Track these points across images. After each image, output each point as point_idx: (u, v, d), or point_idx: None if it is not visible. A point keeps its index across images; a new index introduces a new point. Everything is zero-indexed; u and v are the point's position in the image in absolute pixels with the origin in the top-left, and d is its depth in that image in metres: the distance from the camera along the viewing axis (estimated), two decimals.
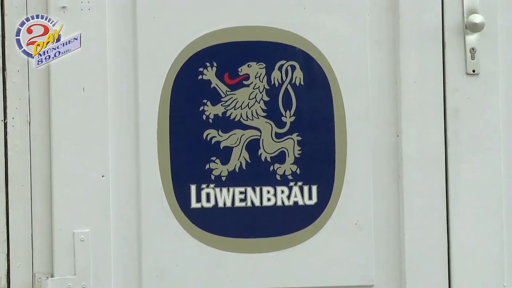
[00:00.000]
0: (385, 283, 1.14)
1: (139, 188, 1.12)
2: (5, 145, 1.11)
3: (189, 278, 1.13)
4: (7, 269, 1.11)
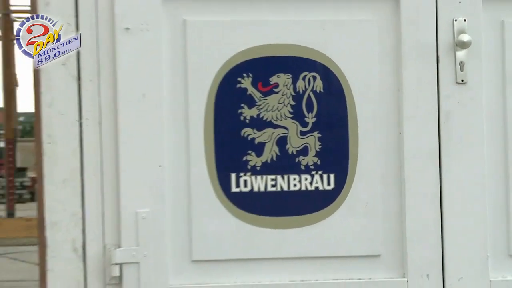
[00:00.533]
0: (390, 254, 1.39)
1: (189, 176, 1.37)
2: (80, 140, 1.36)
3: (230, 250, 1.38)
4: (83, 241, 1.36)
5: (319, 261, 1.39)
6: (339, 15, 1.40)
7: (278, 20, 1.39)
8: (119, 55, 1.35)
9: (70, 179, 1.35)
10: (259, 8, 1.39)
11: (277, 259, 1.39)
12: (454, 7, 1.38)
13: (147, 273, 1.34)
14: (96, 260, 1.36)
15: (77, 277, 1.36)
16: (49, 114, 1.35)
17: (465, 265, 1.38)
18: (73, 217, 1.36)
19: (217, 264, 1.39)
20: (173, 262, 1.37)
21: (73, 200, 1.36)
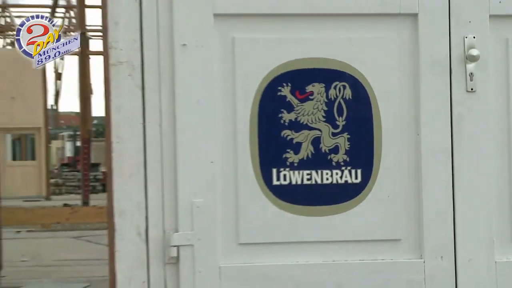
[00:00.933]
0: (409, 238, 1.61)
1: (236, 171, 1.60)
2: (144, 140, 1.59)
3: (271, 234, 1.61)
4: (146, 226, 1.59)
5: (347, 244, 1.62)
6: (365, 33, 1.62)
7: (313, 38, 1.62)
8: (177, 67, 1.57)
9: (135, 173, 1.58)
10: (297, 27, 1.61)
11: (312, 242, 1.61)
12: (464, 26, 1.60)
13: (200, 254, 1.57)
14: (156, 242, 1.58)
15: (141, 257, 1.58)
16: (117, 118, 1.58)
17: (474, 248, 1.59)
18: (137, 206, 1.58)
19: (260, 247, 1.61)
20: (223, 244, 1.59)
21: (138, 192, 1.58)
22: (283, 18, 1.62)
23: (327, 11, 1.61)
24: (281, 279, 1.58)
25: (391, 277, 1.59)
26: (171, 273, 1.58)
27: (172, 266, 1.58)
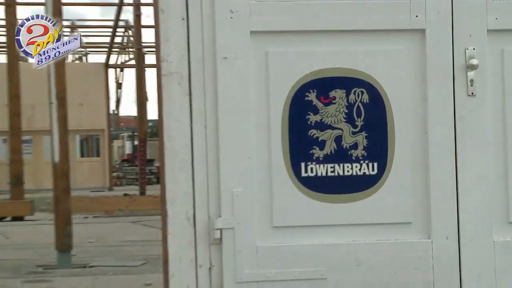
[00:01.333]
0: (418, 221, 1.88)
1: (270, 165, 1.87)
2: (191, 139, 1.87)
3: (300, 218, 1.88)
4: (193, 212, 1.86)
5: (366, 226, 1.89)
6: (380, 46, 1.89)
7: (335, 50, 1.89)
8: (219, 77, 1.85)
9: (183, 168, 1.86)
10: (321, 41, 1.88)
11: (335, 225, 1.88)
12: (465, 39, 1.86)
13: (240, 236, 1.84)
14: (202, 226, 1.86)
15: (189, 238, 1.86)
16: (168, 120, 1.86)
17: (475, 229, 1.86)
18: (186, 195, 1.86)
19: (291, 229, 1.89)
20: (259, 227, 1.87)
21: (186, 183, 1.86)
22: (309, 34, 1.89)
23: (346, 28, 1.88)
24: (309, 257, 1.86)
25: (403, 254, 1.86)
26: (215, 252, 1.86)
27: (216, 246, 1.85)
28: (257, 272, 1.85)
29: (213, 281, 1.86)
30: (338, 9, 1.89)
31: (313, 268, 1.85)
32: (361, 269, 1.87)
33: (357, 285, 1.87)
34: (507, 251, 1.88)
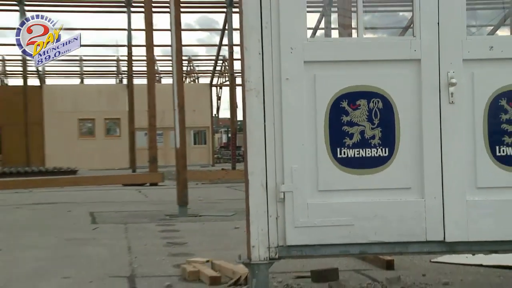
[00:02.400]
0: (415, 187, 2.81)
1: (316, 149, 2.82)
2: (264, 132, 2.84)
3: (336, 184, 2.83)
4: (266, 181, 2.82)
5: (381, 191, 2.84)
6: (390, 70, 2.84)
7: (360, 74, 2.84)
8: (283, 91, 2.81)
9: (259, 151, 2.82)
10: (350, 67, 2.84)
11: (359, 189, 2.84)
12: (448, 65, 2.79)
13: (296, 196, 2.81)
14: (271, 190, 2.83)
15: (263, 198, 2.83)
16: (250, 120, 2.83)
17: (454, 192, 2.80)
18: (261, 169, 2.83)
19: (330, 192, 2.84)
20: (309, 191, 2.83)
21: (260, 161, 2.83)
22: (343, 62, 2.85)
23: (368, 58, 2.83)
24: (342, 210, 2.81)
25: (406, 209, 2.81)
26: (280, 207, 2.82)
27: (280, 203, 2.82)
28: (307, 220, 2.81)
29: (279, 226, 2.82)
30: (362, 45, 2.85)
31: (344, 218, 2.81)
32: (376, 218, 2.82)
33: (374, 230, 2.82)
34: (475, 207, 2.81)
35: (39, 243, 5.47)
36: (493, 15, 2.92)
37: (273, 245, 2.83)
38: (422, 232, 2.82)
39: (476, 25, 2.67)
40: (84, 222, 7.28)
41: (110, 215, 7.87)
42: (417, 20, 2.82)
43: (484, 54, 2.83)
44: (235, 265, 3.28)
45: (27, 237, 5.88)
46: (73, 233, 6.15)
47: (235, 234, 5.25)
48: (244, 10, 2.82)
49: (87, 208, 8.73)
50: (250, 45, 2.82)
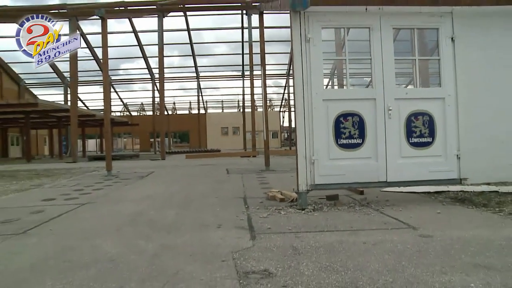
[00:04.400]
0: (374, 156, 6.19)
1: (328, 139, 6.17)
2: (304, 131, 6.15)
3: (339, 156, 6.18)
4: (305, 154, 6.13)
5: (358, 159, 6.20)
6: (362, 103, 6.21)
7: (351, 103, 6.20)
8: (313, 114, 6.12)
9: (302, 140, 6.13)
10: (348, 99, 6.19)
11: (346, 158, 6.21)
12: (388, 101, 6.20)
13: (319, 161, 6.13)
14: (308, 158, 6.12)
15: (304, 162, 6.12)
16: (298, 126, 6.13)
17: (391, 159, 6.20)
18: (304, 149, 6.15)
19: (335, 160, 6.19)
20: (325, 159, 6.19)
21: (303, 144, 6.13)
22: (341, 100, 6.20)
23: (352, 97, 6.20)
24: (341, 168, 6.15)
25: (369, 167, 6.20)
26: (311, 166, 6.14)
27: (312, 164, 6.14)
28: (324, 172, 6.15)
29: (311, 175, 6.14)
30: (349, 92, 6.24)
31: (341, 171, 6.16)
32: (355, 171, 6.20)
33: (354, 176, 6.19)
34: (400, 165, 6.25)
35: (203, 182, 10.49)
36: None
37: (308, 183, 6.14)
38: (376, 177, 6.20)
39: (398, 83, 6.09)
40: (223, 173, 13.24)
41: (235, 170, 14.27)
42: (374, 80, 6.21)
43: (403, 96, 6.25)
44: (291, 192, 6.61)
45: (198, 180, 11.31)
46: (218, 178, 11.60)
47: (291, 179, 8.52)
48: (295, 73, 6.10)
49: (225, 167, 16.08)
50: (297, 91, 6.10)
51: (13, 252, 4.08)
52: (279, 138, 56.27)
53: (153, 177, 12.50)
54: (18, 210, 6.70)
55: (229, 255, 3.65)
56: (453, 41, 6.25)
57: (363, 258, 3.48)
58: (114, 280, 3.13)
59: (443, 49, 6.26)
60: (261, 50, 14.49)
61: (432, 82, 7.13)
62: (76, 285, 3.07)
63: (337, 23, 6.38)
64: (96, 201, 7.59)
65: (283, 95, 52.59)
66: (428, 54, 7.03)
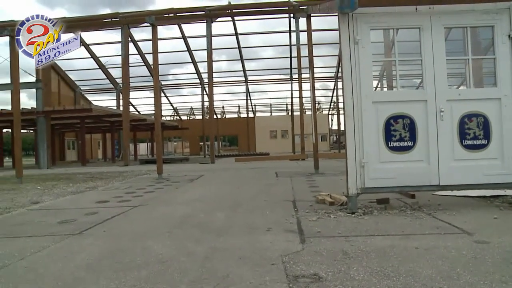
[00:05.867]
0: (425, 159, 6.05)
1: (379, 142, 6.07)
2: (354, 134, 6.09)
3: (390, 159, 6.07)
4: (355, 157, 6.08)
5: (409, 162, 6.07)
6: (413, 104, 6.09)
7: (398, 107, 6.09)
8: (363, 117, 6.05)
9: (351, 143, 6.07)
10: (394, 103, 6.08)
11: (398, 161, 6.09)
12: (440, 102, 6.04)
13: (369, 164, 6.05)
14: (358, 161, 6.06)
15: (354, 165, 6.06)
16: (348, 129, 6.08)
17: (443, 161, 6.03)
18: (354, 152, 6.09)
19: (385, 162, 6.10)
20: (375, 162, 6.07)
21: (353, 147, 6.07)
22: (391, 102, 6.09)
23: (402, 99, 6.08)
24: (391, 171, 6.04)
25: (421, 170, 6.05)
26: (361, 170, 6.06)
27: (362, 168, 6.10)
28: (375, 175, 6.06)
29: (361, 178, 6.07)
30: (398, 94, 6.12)
31: (392, 174, 6.05)
32: (407, 174, 6.06)
33: (406, 179, 6.07)
34: (453, 168, 6.07)
35: (253, 185, 10.72)
36: None
37: (358, 187, 6.07)
38: (428, 180, 6.05)
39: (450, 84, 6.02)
40: (272, 176, 13.44)
41: (284, 173, 14.53)
42: (424, 81, 6.07)
43: (456, 97, 6.07)
44: (341, 196, 6.56)
45: (248, 182, 11.72)
46: (267, 181, 11.77)
47: (341, 182, 8.71)
48: (344, 75, 6.06)
49: (274, 170, 16.41)
50: (347, 94, 6.05)
51: (71, 251, 4.26)
52: (328, 141, 57.00)
53: (202, 180, 12.73)
54: (74, 211, 7.03)
55: (279, 259, 3.67)
56: (510, 38, 6.00)
57: (415, 263, 3.41)
58: (165, 281, 3.21)
59: (498, 47, 6.04)
60: (309, 53, 14.49)
61: (486, 82, 6.88)
62: (129, 285, 3.16)
63: (386, 24, 6.28)
64: (148, 203, 7.82)
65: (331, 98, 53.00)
66: (481, 53, 6.80)
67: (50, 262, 3.88)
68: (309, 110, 36.11)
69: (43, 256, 4.13)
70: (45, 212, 7.16)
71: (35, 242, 4.75)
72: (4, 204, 8.48)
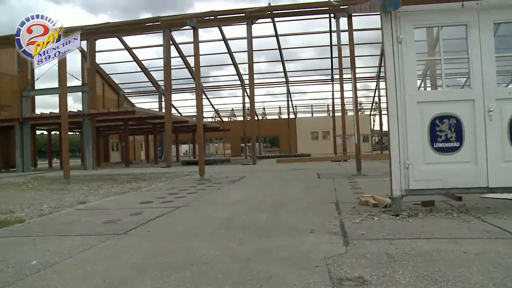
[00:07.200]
0: (473, 160, 5.86)
1: (423, 142, 5.92)
2: (398, 137, 5.97)
3: (434, 160, 5.92)
4: (399, 158, 5.96)
5: (455, 163, 5.89)
6: (459, 104, 5.91)
7: (444, 107, 5.93)
8: (407, 116, 5.92)
9: (395, 144, 5.96)
10: (439, 103, 5.93)
11: (445, 163, 5.92)
12: (488, 102, 5.85)
13: (414, 166, 5.92)
14: (402, 163, 5.92)
15: (398, 167, 5.93)
16: (391, 129, 5.97)
17: (492, 163, 5.82)
18: (397, 153, 5.96)
19: (430, 164, 5.93)
20: (420, 163, 5.93)
21: (397, 148, 5.95)
22: (436, 101, 5.94)
23: (447, 99, 5.92)
24: (437, 173, 5.88)
25: (468, 171, 5.87)
26: (406, 171, 5.93)
27: (406, 169, 5.92)
28: (420, 177, 5.92)
29: (405, 180, 5.94)
30: (444, 93, 5.96)
31: (437, 176, 5.90)
32: (453, 175, 5.89)
33: (452, 181, 5.89)
34: (503, 170, 5.85)
35: (294, 186, 10.94)
36: None
37: (403, 189, 5.95)
38: (476, 182, 5.86)
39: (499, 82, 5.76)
40: (314, 177, 13.63)
41: (326, 174, 14.68)
42: (472, 80, 5.89)
43: (506, 96, 5.85)
44: (385, 198, 6.46)
45: (290, 183, 12.01)
46: (309, 182, 11.92)
47: (384, 184, 8.68)
48: (387, 75, 5.95)
49: (315, 171, 16.72)
50: (390, 94, 5.95)
51: (117, 251, 4.38)
52: (370, 142, 56.98)
53: (244, 181, 12.82)
54: (119, 212, 7.22)
55: (322, 261, 3.64)
56: None
57: (464, 268, 3.30)
58: (209, 282, 3.25)
59: None
60: (350, 53, 14.34)
61: None
62: (173, 285, 3.21)
63: (430, 22, 6.13)
64: (190, 204, 7.94)
65: (373, 98, 52.46)
66: None
67: (97, 261, 4.00)
68: (351, 110, 36.13)
69: (90, 255, 4.27)
70: (91, 212, 7.39)
71: (82, 240, 4.92)
72: (54, 203, 8.84)
